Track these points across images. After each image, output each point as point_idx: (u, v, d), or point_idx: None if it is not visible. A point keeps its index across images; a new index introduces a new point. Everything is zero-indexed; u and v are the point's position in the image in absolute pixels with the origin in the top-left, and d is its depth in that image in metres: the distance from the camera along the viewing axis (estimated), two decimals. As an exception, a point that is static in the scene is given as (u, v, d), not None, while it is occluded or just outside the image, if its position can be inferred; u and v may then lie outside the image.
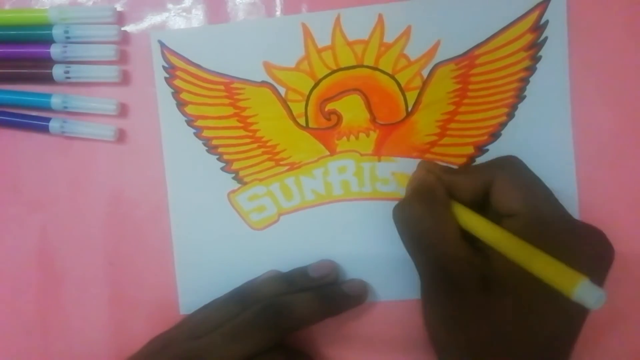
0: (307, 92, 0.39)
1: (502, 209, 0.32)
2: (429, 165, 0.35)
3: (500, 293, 0.30)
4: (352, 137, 0.39)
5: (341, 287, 0.38)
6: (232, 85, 0.40)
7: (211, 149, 0.40)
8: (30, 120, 0.41)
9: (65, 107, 0.40)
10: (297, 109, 0.39)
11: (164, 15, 0.41)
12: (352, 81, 0.39)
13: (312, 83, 0.39)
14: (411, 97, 0.39)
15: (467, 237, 0.32)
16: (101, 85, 0.41)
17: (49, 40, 0.40)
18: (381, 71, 0.39)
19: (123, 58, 0.41)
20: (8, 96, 0.41)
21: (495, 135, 0.38)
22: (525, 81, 0.38)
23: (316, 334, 0.39)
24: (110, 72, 0.40)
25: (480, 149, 0.38)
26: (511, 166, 0.33)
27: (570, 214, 0.32)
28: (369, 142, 0.39)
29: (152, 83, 0.40)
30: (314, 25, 0.39)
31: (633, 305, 0.37)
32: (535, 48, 0.37)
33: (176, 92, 0.40)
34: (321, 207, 0.40)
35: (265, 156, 0.40)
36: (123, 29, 0.41)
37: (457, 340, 0.31)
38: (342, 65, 0.39)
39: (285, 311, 0.35)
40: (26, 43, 0.40)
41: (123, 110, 0.41)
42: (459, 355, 0.31)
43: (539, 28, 0.37)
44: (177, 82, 0.40)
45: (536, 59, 0.37)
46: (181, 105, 0.40)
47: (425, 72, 0.38)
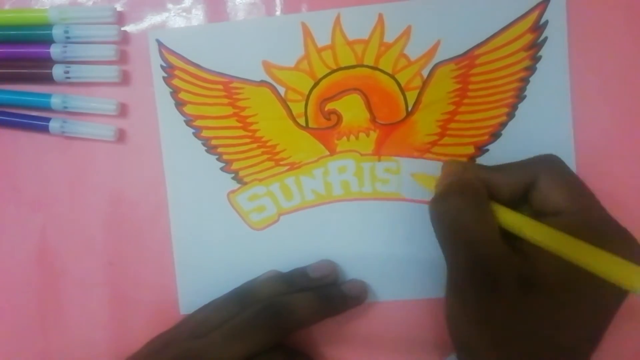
0: (306, 92, 0.39)
1: (547, 207, 0.31)
2: (465, 162, 0.35)
3: (537, 292, 0.30)
4: (352, 137, 0.39)
5: (341, 288, 0.38)
6: (231, 85, 0.40)
7: (210, 149, 0.40)
8: (30, 120, 0.41)
9: (65, 107, 0.40)
10: (297, 108, 0.39)
11: (164, 15, 0.41)
12: (352, 81, 0.39)
13: (312, 83, 0.39)
14: (411, 96, 0.38)
15: (504, 235, 0.32)
16: (101, 85, 0.41)
17: (49, 40, 0.40)
18: (381, 71, 0.39)
19: (123, 58, 0.41)
20: (8, 96, 0.41)
21: (495, 135, 0.38)
22: (525, 81, 0.37)
23: (316, 334, 0.39)
24: (110, 72, 0.40)
25: (481, 149, 0.38)
26: (555, 165, 0.33)
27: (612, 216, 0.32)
28: (369, 142, 0.39)
29: (152, 83, 0.40)
30: (313, 24, 0.39)
31: (634, 306, 0.37)
32: (535, 48, 0.37)
33: (175, 92, 0.40)
34: (321, 207, 0.40)
35: (265, 156, 0.40)
36: (123, 29, 0.41)
37: (482, 339, 0.31)
38: (342, 65, 0.39)
39: (284, 311, 0.35)
40: (26, 43, 0.40)
41: (123, 110, 0.41)
42: (482, 354, 0.31)
43: (539, 28, 0.37)
44: (175, 82, 0.40)
45: (536, 59, 0.37)
46: (180, 105, 0.40)
47: (425, 72, 0.38)
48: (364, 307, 0.39)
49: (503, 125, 0.38)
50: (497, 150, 0.38)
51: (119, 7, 0.41)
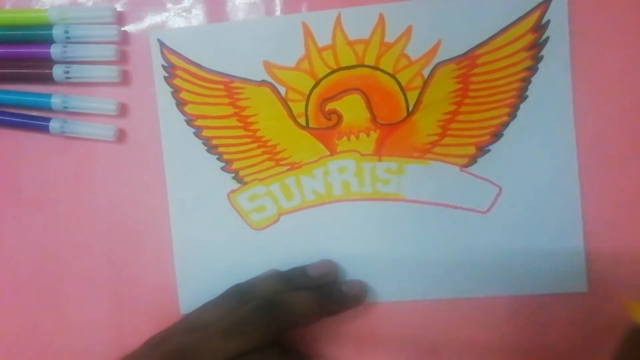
0: (307, 92, 0.39)
1: None
2: None
3: None
4: (352, 137, 0.39)
5: (340, 287, 0.38)
6: (232, 85, 0.40)
7: (211, 149, 0.40)
8: (30, 120, 0.41)
9: (65, 107, 0.40)
10: (297, 108, 0.39)
11: (164, 15, 0.41)
12: (353, 81, 0.39)
13: (313, 82, 0.39)
14: (412, 96, 0.38)
15: None
16: (101, 85, 0.41)
17: (49, 40, 0.40)
18: (382, 71, 0.38)
19: (123, 58, 0.41)
20: (8, 96, 0.41)
21: (497, 135, 0.38)
22: (526, 81, 0.37)
23: (316, 334, 0.39)
24: (110, 72, 0.40)
25: (482, 149, 0.38)
26: None
27: None
28: (369, 142, 0.39)
29: (152, 83, 0.40)
30: (314, 24, 0.39)
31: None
32: (536, 48, 0.37)
33: (176, 92, 0.40)
34: (321, 207, 0.39)
35: (266, 156, 0.40)
36: (123, 29, 0.41)
37: None
38: (343, 65, 0.39)
39: (282, 308, 0.35)
40: (26, 43, 0.40)
41: (123, 110, 0.41)
42: None
43: (540, 28, 0.37)
44: (176, 82, 0.40)
45: (538, 59, 0.37)
46: (181, 104, 0.40)
47: (426, 71, 0.38)
48: (364, 307, 0.39)
49: (504, 125, 0.38)
50: (498, 150, 0.38)
51: (119, 7, 0.41)
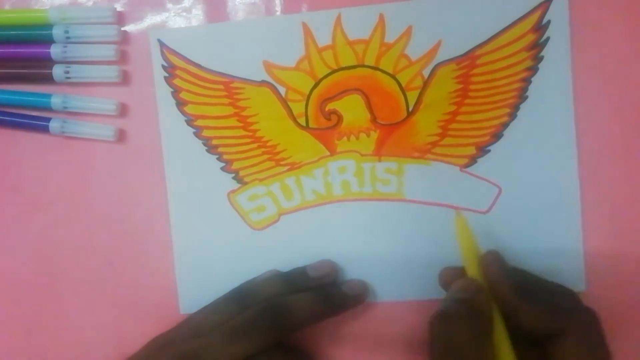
0: (307, 92, 0.39)
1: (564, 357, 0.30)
2: (479, 284, 0.32)
3: None
4: (352, 137, 0.39)
5: (341, 287, 0.38)
6: (232, 85, 0.40)
7: (211, 149, 0.40)
8: (30, 120, 0.41)
9: (65, 107, 0.40)
10: (298, 108, 0.39)
11: (164, 15, 0.41)
12: (353, 81, 0.39)
13: (313, 83, 0.39)
14: (412, 97, 0.38)
15: None
16: (101, 85, 0.41)
17: (49, 40, 0.40)
18: (382, 71, 0.38)
19: (123, 58, 0.41)
20: (8, 96, 0.41)
21: (497, 136, 0.38)
22: (527, 81, 0.37)
23: (316, 334, 0.39)
24: (110, 72, 0.40)
25: (482, 150, 0.38)
26: (588, 326, 0.31)
27: None
28: (369, 142, 0.39)
29: (152, 83, 0.40)
30: (314, 24, 0.39)
31: (637, 308, 0.37)
32: (537, 48, 0.37)
33: (176, 92, 0.40)
34: (321, 208, 0.39)
35: (266, 156, 0.40)
36: (123, 29, 0.41)
37: None
38: (343, 65, 0.39)
39: (285, 312, 0.35)
40: (26, 43, 0.40)
41: (123, 110, 0.41)
42: None
43: (541, 28, 0.37)
44: (176, 82, 0.40)
45: (538, 59, 0.37)
46: (181, 104, 0.40)
47: (426, 72, 0.38)
48: (364, 307, 0.39)
49: (505, 125, 0.38)
50: (498, 150, 0.38)
51: (119, 7, 0.41)
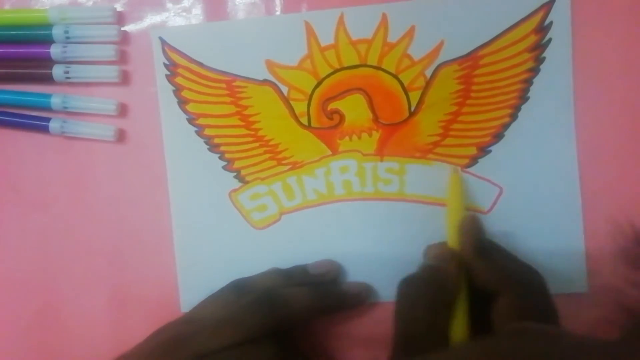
0: (309, 91, 0.39)
1: (497, 318, 0.32)
2: (452, 251, 0.35)
3: None
4: (354, 137, 0.39)
5: (339, 286, 0.38)
6: (234, 84, 0.40)
7: (213, 148, 0.40)
8: (30, 120, 0.41)
9: (65, 107, 0.40)
10: (300, 108, 0.39)
11: (164, 15, 0.40)
12: (355, 80, 0.39)
13: (315, 82, 0.39)
14: (414, 97, 0.38)
15: None
16: (101, 85, 0.41)
17: (49, 40, 0.40)
18: (384, 71, 0.38)
19: (123, 58, 0.40)
20: (8, 96, 0.41)
21: (498, 137, 0.38)
22: (528, 82, 0.37)
23: (316, 334, 0.39)
24: (110, 72, 0.40)
25: (483, 150, 0.38)
26: (525, 287, 0.33)
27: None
28: (371, 142, 0.39)
29: (152, 83, 0.40)
30: (317, 23, 0.39)
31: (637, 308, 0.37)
32: (539, 49, 0.37)
33: (177, 90, 0.40)
34: (323, 207, 0.40)
35: (267, 155, 0.40)
36: (123, 28, 0.40)
37: None
38: (345, 65, 0.39)
39: (278, 301, 0.35)
40: (26, 43, 0.40)
41: (123, 110, 0.41)
42: None
43: (543, 29, 0.37)
44: (178, 80, 0.40)
45: (540, 60, 0.37)
46: (182, 103, 0.40)
47: (428, 72, 0.38)
48: (365, 306, 0.39)
49: (506, 126, 0.38)
50: (499, 151, 0.38)
51: (119, 7, 0.40)
